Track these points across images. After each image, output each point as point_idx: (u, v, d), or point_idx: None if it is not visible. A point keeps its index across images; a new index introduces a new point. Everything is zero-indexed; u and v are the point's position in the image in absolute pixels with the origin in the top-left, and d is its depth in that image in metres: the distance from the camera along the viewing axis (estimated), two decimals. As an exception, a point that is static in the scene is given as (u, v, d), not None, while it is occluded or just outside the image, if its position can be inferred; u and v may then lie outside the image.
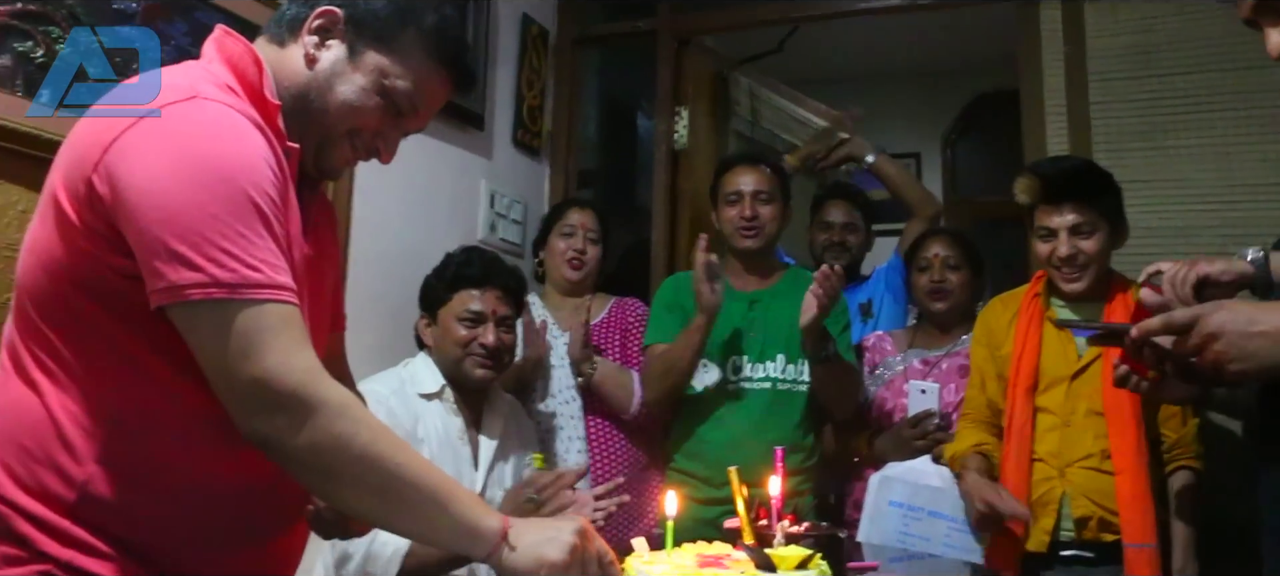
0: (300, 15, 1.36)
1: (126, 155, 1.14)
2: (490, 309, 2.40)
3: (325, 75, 1.35)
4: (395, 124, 1.40)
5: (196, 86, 1.20)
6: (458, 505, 1.25)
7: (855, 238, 3.35)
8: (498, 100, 3.27)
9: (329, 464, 1.17)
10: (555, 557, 1.25)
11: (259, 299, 1.14)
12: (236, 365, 1.13)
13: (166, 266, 1.11)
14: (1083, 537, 2.26)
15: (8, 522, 1.18)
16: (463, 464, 2.35)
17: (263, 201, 1.16)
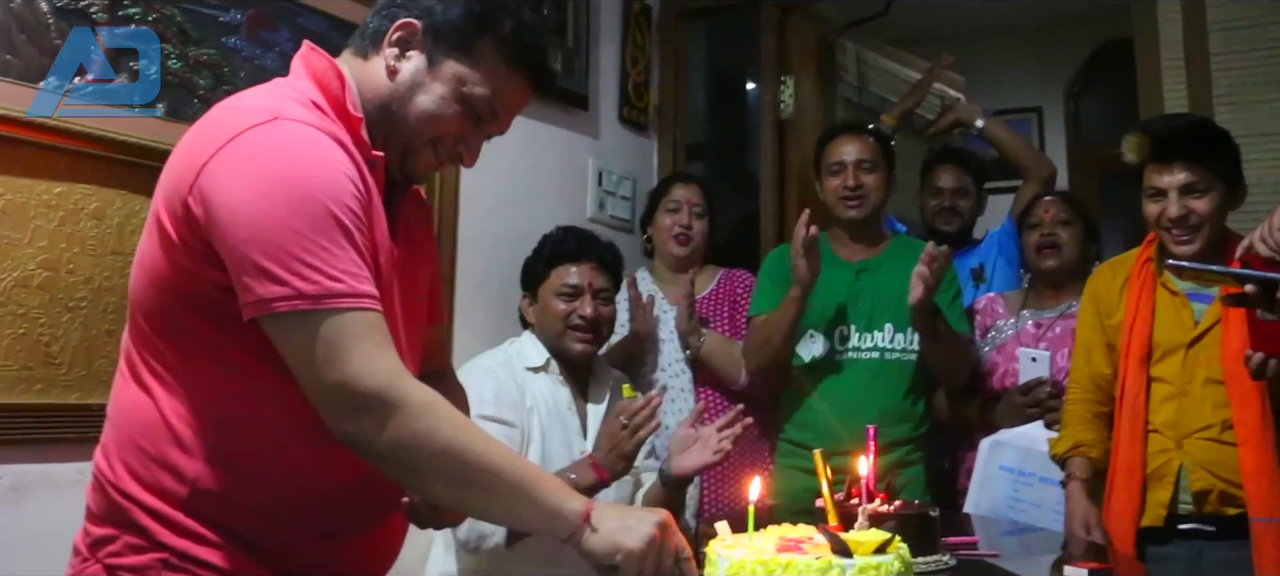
0: (381, 28, 1.40)
1: (216, 177, 1.20)
2: (587, 281, 2.46)
3: (406, 85, 1.38)
4: (476, 129, 1.43)
5: (278, 107, 1.26)
6: (540, 491, 1.29)
7: (966, 202, 3.28)
8: (602, 79, 3.31)
9: (414, 459, 1.22)
10: (632, 546, 1.27)
11: (341, 308, 1.19)
12: (323, 371, 1.18)
13: (254, 281, 1.17)
14: (1203, 511, 2.18)
15: (130, 515, 1.28)
16: (571, 433, 2.43)
17: (343, 214, 1.21)
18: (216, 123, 1.27)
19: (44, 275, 1.88)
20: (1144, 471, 2.23)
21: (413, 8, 1.40)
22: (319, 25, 2.32)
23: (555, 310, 2.44)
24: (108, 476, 1.31)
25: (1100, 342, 2.40)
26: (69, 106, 1.89)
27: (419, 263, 1.53)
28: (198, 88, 2.08)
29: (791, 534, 1.49)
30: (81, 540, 1.33)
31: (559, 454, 2.39)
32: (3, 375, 1.83)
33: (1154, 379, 2.27)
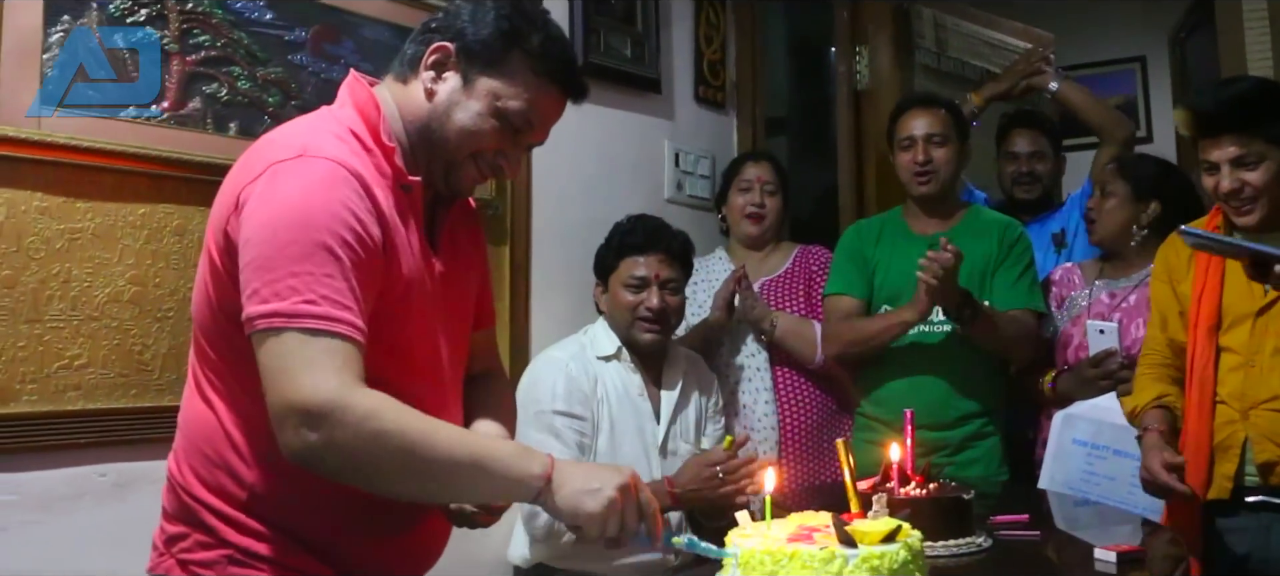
0: (418, 53, 1.49)
1: (244, 208, 1.32)
2: (654, 273, 2.52)
3: (444, 106, 1.47)
4: (514, 141, 1.51)
5: (308, 143, 1.35)
6: (498, 462, 1.36)
7: (1043, 166, 3.23)
8: (676, 61, 3.35)
9: (369, 465, 1.28)
10: (591, 508, 1.35)
11: (311, 329, 1.25)
12: (278, 386, 1.25)
13: (248, 301, 1.28)
14: (1269, 482, 2.13)
15: (198, 515, 1.41)
16: (644, 418, 2.52)
17: (338, 245, 1.29)
18: (255, 156, 1.38)
19: (133, 290, 2.05)
20: (1211, 443, 2.19)
21: (445, 31, 1.48)
22: (383, 34, 2.44)
23: (624, 301, 2.52)
24: (178, 480, 1.45)
25: (1174, 309, 2.35)
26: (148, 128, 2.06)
27: (465, 271, 1.62)
28: (268, 105, 2.22)
29: (811, 522, 1.54)
30: (159, 537, 1.48)
31: (630, 438, 2.48)
32: (102, 382, 2.02)
33: (1223, 348, 2.22)
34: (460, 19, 1.49)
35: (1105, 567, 1.66)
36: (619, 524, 1.37)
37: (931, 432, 2.76)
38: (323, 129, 1.41)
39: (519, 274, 2.79)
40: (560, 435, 2.37)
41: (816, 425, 2.96)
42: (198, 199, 2.12)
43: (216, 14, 2.16)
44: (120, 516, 1.99)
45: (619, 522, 1.37)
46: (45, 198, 1.95)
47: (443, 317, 1.52)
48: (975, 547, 1.75)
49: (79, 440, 2.00)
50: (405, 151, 1.47)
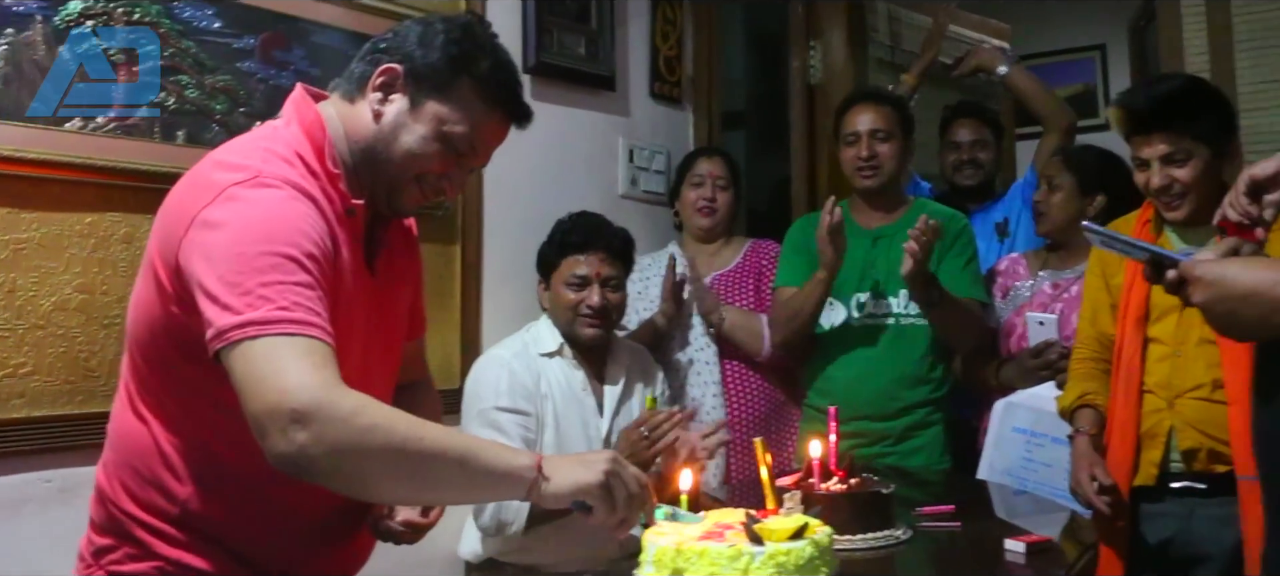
0: (366, 73, 1.50)
1: (199, 231, 1.31)
2: (594, 271, 2.55)
3: (390, 128, 1.48)
4: (458, 165, 1.53)
5: (261, 167, 1.36)
6: (486, 459, 1.33)
7: (986, 155, 3.30)
8: (631, 58, 3.39)
9: (358, 463, 1.24)
10: (590, 479, 1.35)
11: (287, 332, 1.23)
12: (260, 391, 1.21)
13: (216, 314, 1.25)
14: (1192, 469, 2.21)
15: (127, 528, 1.44)
16: (588, 413, 2.56)
17: (303, 258, 1.30)
18: (205, 179, 1.37)
19: (81, 298, 2.09)
20: (1138, 431, 2.27)
21: (394, 53, 1.49)
22: (333, 40, 2.48)
23: (565, 299, 2.56)
24: (107, 493, 1.47)
25: (1105, 302, 2.42)
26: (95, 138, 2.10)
27: (399, 285, 1.64)
28: (216, 113, 2.26)
29: (727, 519, 1.60)
30: (86, 547, 1.50)
31: (575, 434, 2.52)
32: (47, 389, 2.06)
33: (1150, 339, 2.29)
34: (409, 41, 1.50)
35: (1014, 558, 1.71)
36: (625, 494, 1.38)
37: (874, 422, 2.83)
38: (271, 153, 1.41)
39: (470, 272, 2.83)
40: (505, 431, 2.41)
41: (764, 417, 3.02)
42: (145, 207, 2.14)
43: (164, 23, 2.19)
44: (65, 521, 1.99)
45: (624, 493, 1.38)
46: (-10, 209, 1.99)
47: (375, 333, 1.55)
48: (893, 540, 1.80)
49: (24, 447, 2.04)
50: (349, 172, 1.48)
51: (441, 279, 2.78)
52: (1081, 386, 2.40)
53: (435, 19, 1.54)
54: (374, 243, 1.55)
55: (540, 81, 3.04)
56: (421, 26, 1.52)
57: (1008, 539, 1.74)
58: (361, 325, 1.49)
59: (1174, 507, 2.24)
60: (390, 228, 1.59)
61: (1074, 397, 2.39)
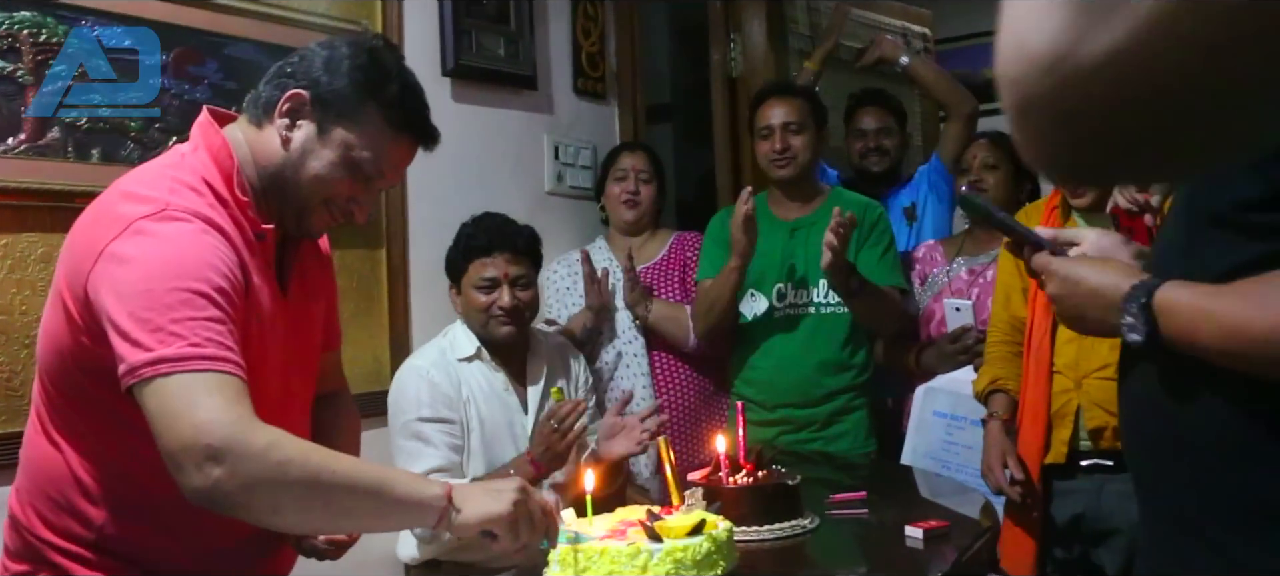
0: (273, 98, 1.50)
1: (108, 265, 1.32)
2: (502, 272, 2.54)
3: (297, 153, 1.50)
4: (366, 187, 1.55)
5: (169, 200, 1.37)
6: (398, 489, 1.38)
7: (891, 141, 3.38)
8: (552, 56, 3.43)
9: (272, 496, 1.27)
10: (499, 510, 1.40)
11: (198, 370, 1.26)
12: (174, 428, 1.23)
13: (128, 350, 1.27)
14: (1099, 447, 2.30)
15: (44, 554, 1.47)
16: (512, 413, 2.57)
17: (213, 292, 1.32)
18: (112, 212, 1.37)
19: (1, 319, 2.12)
20: (1048, 410, 2.35)
21: (300, 78, 1.51)
22: (247, 52, 2.49)
23: (476, 302, 2.55)
24: (21, 520, 1.49)
25: (1017, 285, 2.50)
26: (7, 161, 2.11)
27: (312, 301, 1.66)
28: (130, 130, 2.27)
29: (631, 517, 1.66)
30: (1, 574, 1.51)
31: (502, 435, 2.54)
32: (-29, 409, 2.08)
33: (1059, 321, 2.38)
34: (315, 67, 1.51)
35: (913, 543, 1.79)
36: (529, 524, 1.42)
37: (799, 409, 2.92)
38: (178, 182, 1.42)
39: (396, 277, 2.87)
40: (431, 441, 2.43)
41: (694, 407, 3.09)
42: (61, 227, 2.09)
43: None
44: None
45: (529, 524, 1.42)
46: (-96, 235, 2.00)
47: (292, 351, 1.57)
48: (800, 530, 1.87)
49: (-51, 468, 2.05)
50: (257, 196, 1.50)
51: (368, 282, 2.81)
52: (993, 371, 2.49)
53: (341, 43, 1.55)
54: (285, 264, 1.57)
55: (460, 84, 3.07)
56: (327, 51, 1.53)
57: (907, 526, 1.81)
58: (278, 347, 1.52)
59: (1083, 484, 2.33)
60: (300, 246, 1.61)
61: (986, 382, 2.47)
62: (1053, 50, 0.47)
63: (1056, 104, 0.48)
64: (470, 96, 3.11)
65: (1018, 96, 0.50)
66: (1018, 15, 0.49)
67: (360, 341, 2.75)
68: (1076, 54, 0.46)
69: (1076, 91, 0.47)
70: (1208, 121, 0.46)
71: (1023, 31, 0.49)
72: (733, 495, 1.82)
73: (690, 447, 3.03)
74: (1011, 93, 0.50)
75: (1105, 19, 0.45)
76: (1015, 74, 0.49)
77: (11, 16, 2.11)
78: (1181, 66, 0.44)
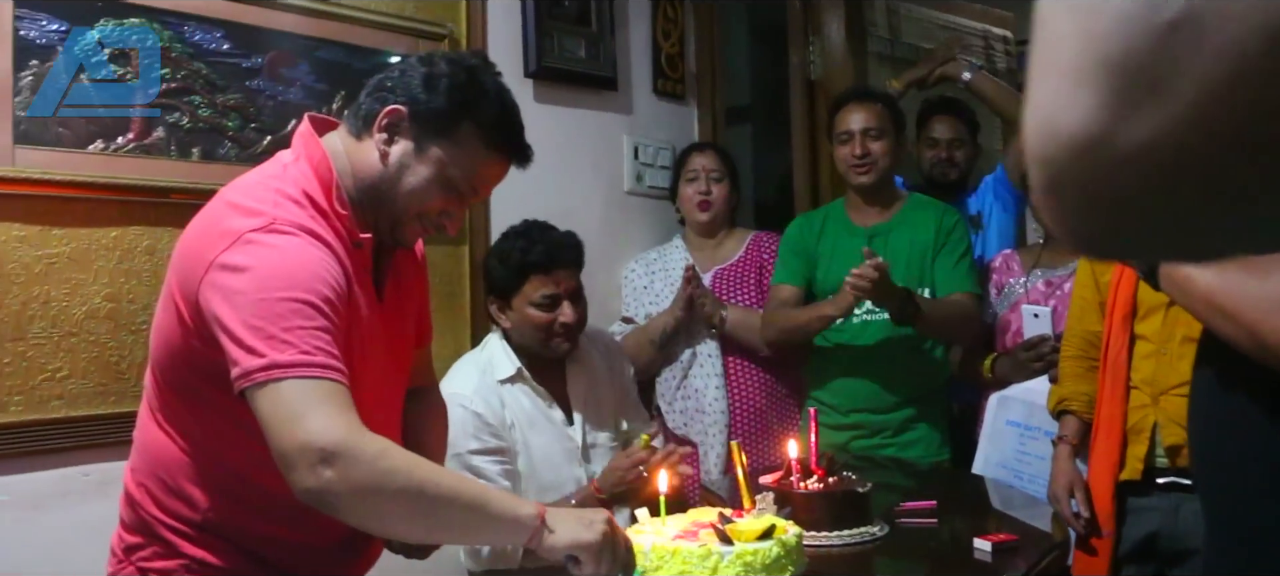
0: (372, 111, 1.55)
1: (219, 274, 1.39)
2: (562, 288, 2.49)
3: (394, 168, 1.54)
4: (458, 202, 1.60)
5: (275, 214, 1.43)
6: (496, 505, 1.45)
7: (961, 153, 3.36)
8: (634, 56, 3.48)
9: (377, 503, 1.34)
10: (590, 538, 1.44)
11: (309, 376, 1.32)
12: (288, 431, 1.30)
13: (241, 356, 1.35)
14: (1177, 465, 2.27)
15: (154, 530, 1.56)
16: (558, 427, 2.53)
17: (321, 303, 1.37)
18: (221, 225, 1.44)
19: (109, 306, 2.24)
20: (1124, 426, 2.32)
21: (399, 93, 1.54)
22: (337, 55, 2.59)
23: (535, 320, 2.48)
24: (135, 496, 1.58)
25: (1093, 300, 2.49)
26: (116, 159, 2.23)
27: (405, 304, 1.72)
28: (228, 130, 2.39)
29: (704, 518, 1.71)
30: (117, 543, 1.62)
31: (550, 452, 2.49)
32: (82, 391, 2.21)
33: (1137, 336, 2.35)
34: (413, 84, 1.55)
35: (981, 556, 1.81)
36: (610, 555, 1.47)
37: (872, 415, 2.93)
38: (282, 194, 1.47)
39: (478, 273, 2.92)
40: (485, 474, 2.36)
41: (765, 410, 3.12)
42: (166, 221, 2.30)
43: (176, 48, 2.31)
44: (103, 512, 2.13)
45: (610, 554, 1.47)
46: (23, 227, 2.14)
47: (386, 353, 1.63)
48: (869, 537, 1.90)
49: (64, 444, 2.19)
50: (355, 207, 1.55)
51: (451, 280, 2.90)
52: (1065, 388, 2.47)
53: (441, 60, 1.59)
54: (381, 269, 1.63)
55: (542, 85, 3.14)
56: (427, 68, 1.57)
57: (976, 537, 1.83)
58: (374, 350, 1.58)
59: (1159, 502, 2.30)
60: (395, 251, 1.66)
61: (1056, 401, 2.47)
62: (1086, 133, 0.45)
63: (1088, 187, 0.46)
64: (552, 97, 3.18)
65: (1047, 177, 0.48)
66: (1047, 93, 0.47)
67: (442, 337, 2.80)
68: (1112, 139, 0.44)
69: (1110, 176, 0.45)
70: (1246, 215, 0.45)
71: (1053, 111, 0.46)
72: (803, 500, 1.85)
73: (760, 450, 3.06)
74: (1041, 172, 0.48)
75: (1144, 106, 0.43)
76: (1045, 154, 0.47)
77: (123, 23, 2.22)
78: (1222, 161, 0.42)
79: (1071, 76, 0.45)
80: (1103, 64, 0.44)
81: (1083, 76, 0.45)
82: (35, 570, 2.16)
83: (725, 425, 3.04)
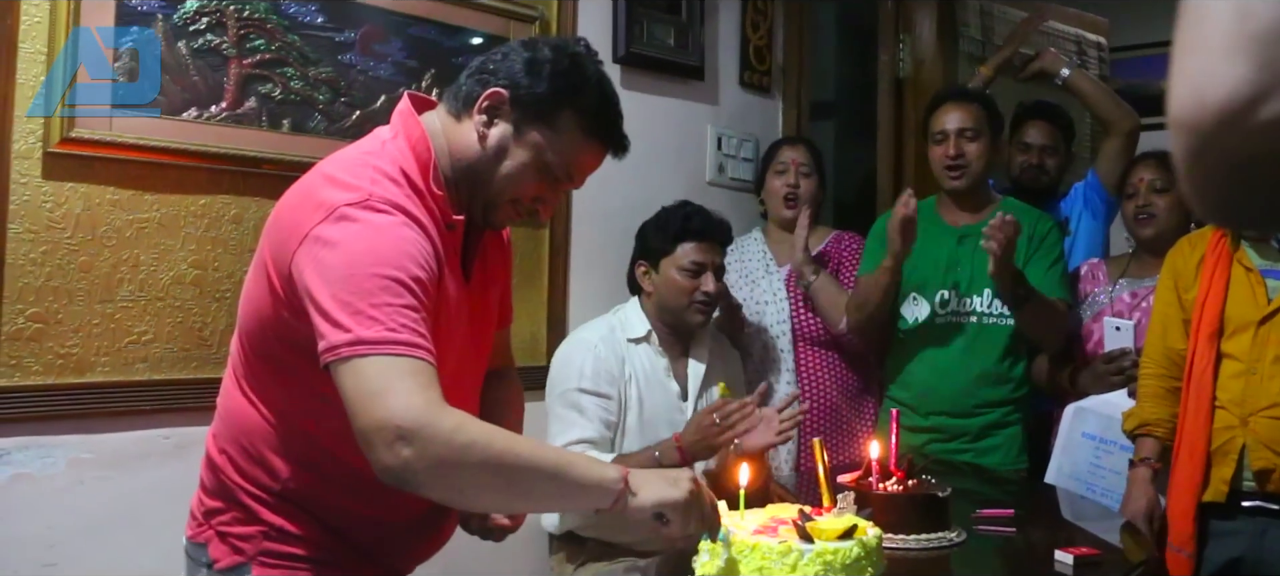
0: (473, 93, 1.55)
1: (313, 247, 1.39)
2: (710, 260, 2.62)
3: (493, 151, 1.54)
4: (553, 189, 1.60)
5: (371, 190, 1.42)
6: (578, 471, 1.43)
7: (1053, 160, 3.28)
8: (721, 47, 3.46)
9: (458, 477, 1.34)
10: (677, 496, 1.45)
11: (393, 354, 1.32)
12: (369, 407, 1.30)
13: (329, 330, 1.35)
14: (1265, 489, 2.20)
15: (235, 495, 1.57)
16: (671, 396, 2.63)
17: (411, 281, 1.37)
18: (318, 197, 1.44)
19: (195, 273, 2.27)
20: (1208, 447, 2.26)
21: (501, 77, 1.54)
22: (429, 33, 2.60)
23: (680, 284, 2.60)
24: (217, 462, 1.60)
25: (1177, 317, 2.41)
26: (209, 127, 2.26)
27: (490, 286, 1.73)
28: (319, 103, 2.40)
29: (783, 514, 1.68)
30: (197, 507, 1.64)
31: (659, 418, 2.59)
32: (166, 355, 2.24)
33: (1224, 355, 2.28)
34: (516, 68, 1.54)
35: (1062, 569, 1.74)
36: (699, 513, 1.48)
37: (951, 419, 2.87)
38: (379, 172, 1.47)
39: (558, 255, 2.95)
40: (585, 411, 2.49)
41: (836, 404, 3.07)
42: (253, 191, 2.32)
43: (272, 19, 2.34)
44: (181, 474, 2.19)
45: (699, 512, 1.47)
46: (117, 191, 2.17)
47: (470, 332, 1.64)
48: (947, 542, 1.85)
49: (145, 406, 2.23)
50: (450, 187, 1.55)
51: (530, 262, 2.89)
52: (1145, 410, 2.41)
53: (544, 45, 1.58)
54: (470, 251, 1.62)
55: (630, 71, 3.13)
56: (530, 52, 1.56)
57: (1058, 550, 1.77)
58: (459, 330, 1.58)
59: (1244, 526, 2.24)
60: (484, 233, 1.66)
61: (1136, 422, 2.39)
62: (1234, 102, 0.47)
63: (1233, 155, 0.49)
64: (639, 84, 3.16)
65: (1193, 145, 0.50)
66: (1196, 65, 0.50)
67: (519, 318, 2.78)
68: (1258, 108, 0.47)
69: (1255, 144, 0.48)
70: None
71: (1201, 81, 0.49)
72: (882, 502, 1.81)
73: (831, 445, 3.01)
74: (1185, 140, 0.51)
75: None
76: (1191, 122, 0.50)
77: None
78: None
79: (1222, 50, 0.48)
80: (1255, 38, 0.47)
81: (1234, 49, 0.48)
82: (113, 528, 2.20)
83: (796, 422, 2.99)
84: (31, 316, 2.09)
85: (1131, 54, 4.68)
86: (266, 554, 1.54)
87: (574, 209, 3.01)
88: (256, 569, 1.54)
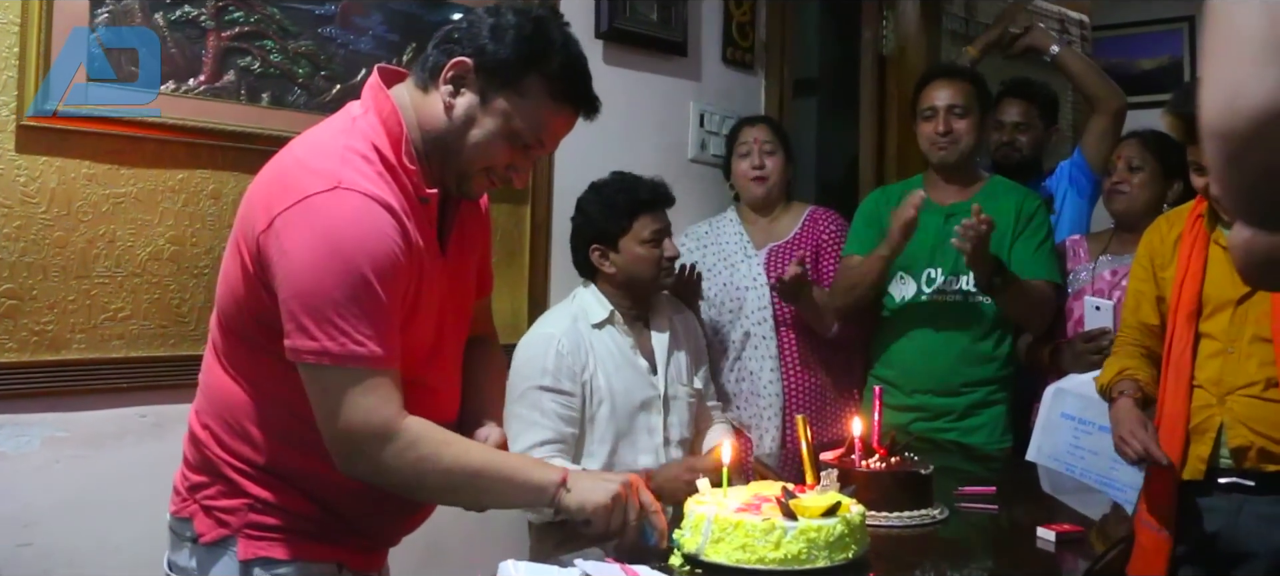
0: (439, 63, 1.54)
1: (281, 234, 1.41)
2: (664, 224, 2.62)
3: (460, 121, 1.53)
4: (525, 155, 1.60)
5: (340, 173, 1.43)
6: (522, 474, 1.58)
7: (1027, 137, 3.29)
8: (704, 23, 3.44)
9: (416, 482, 1.51)
10: (598, 501, 1.54)
11: (357, 367, 1.41)
12: (332, 419, 1.43)
13: (293, 331, 1.40)
14: (1242, 466, 2.21)
15: (219, 469, 1.57)
16: (640, 373, 2.60)
17: (380, 281, 1.40)
18: (288, 179, 1.46)
19: (172, 249, 2.24)
20: (1186, 426, 2.27)
21: (466, 45, 1.53)
22: (410, 6, 2.57)
23: (647, 256, 2.58)
24: (200, 436, 1.59)
25: (1150, 294, 2.43)
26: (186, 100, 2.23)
27: (468, 255, 1.72)
28: (298, 76, 2.38)
29: (766, 492, 1.67)
30: (180, 482, 1.63)
31: (633, 396, 2.56)
32: (143, 332, 2.22)
33: (1202, 335, 2.29)
34: (481, 34, 1.53)
35: (1044, 545, 1.76)
36: (622, 517, 1.55)
37: (936, 398, 2.88)
38: (350, 151, 1.47)
39: (539, 232, 2.93)
40: (544, 412, 2.45)
41: (820, 391, 3.05)
42: (232, 165, 2.30)
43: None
44: (159, 453, 2.18)
45: (622, 516, 1.55)
46: (92, 165, 2.14)
47: (447, 302, 1.64)
48: (929, 519, 1.86)
49: (122, 384, 2.21)
50: (422, 160, 1.55)
51: (510, 238, 2.88)
52: (1120, 363, 2.40)
53: (508, 11, 1.56)
54: (446, 222, 1.62)
55: (612, 46, 3.11)
56: (494, 18, 1.55)
57: (1040, 527, 1.78)
58: (435, 300, 1.59)
59: (1221, 502, 2.25)
60: (460, 203, 1.66)
61: (1113, 373, 2.38)
62: (1268, 108, 0.48)
63: (1269, 158, 0.49)
64: (621, 60, 3.14)
65: (1228, 150, 0.50)
66: (1228, 71, 0.50)
67: (499, 295, 2.78)
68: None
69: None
70: None
71: (1236, 87, 0.49)
72: (865, 479, 1.81)
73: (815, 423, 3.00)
74: (1220, 146, 0.51)
75: None
76: (1225, 129, 0.50)
77: (197, -36, 2.22)
78: None
79: (1254, 57, 0.49)
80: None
81: (1269, 56, 0.48)
82: (90, 506, 2.18)
83: (780, 407, 2.98)
84: (5, 293, 2.06)
85: (1114, 33, 4.69)
86: (251, 526, 1.56)
87: (556, 185, 2.99)
88: (241, 541, 1.55)
